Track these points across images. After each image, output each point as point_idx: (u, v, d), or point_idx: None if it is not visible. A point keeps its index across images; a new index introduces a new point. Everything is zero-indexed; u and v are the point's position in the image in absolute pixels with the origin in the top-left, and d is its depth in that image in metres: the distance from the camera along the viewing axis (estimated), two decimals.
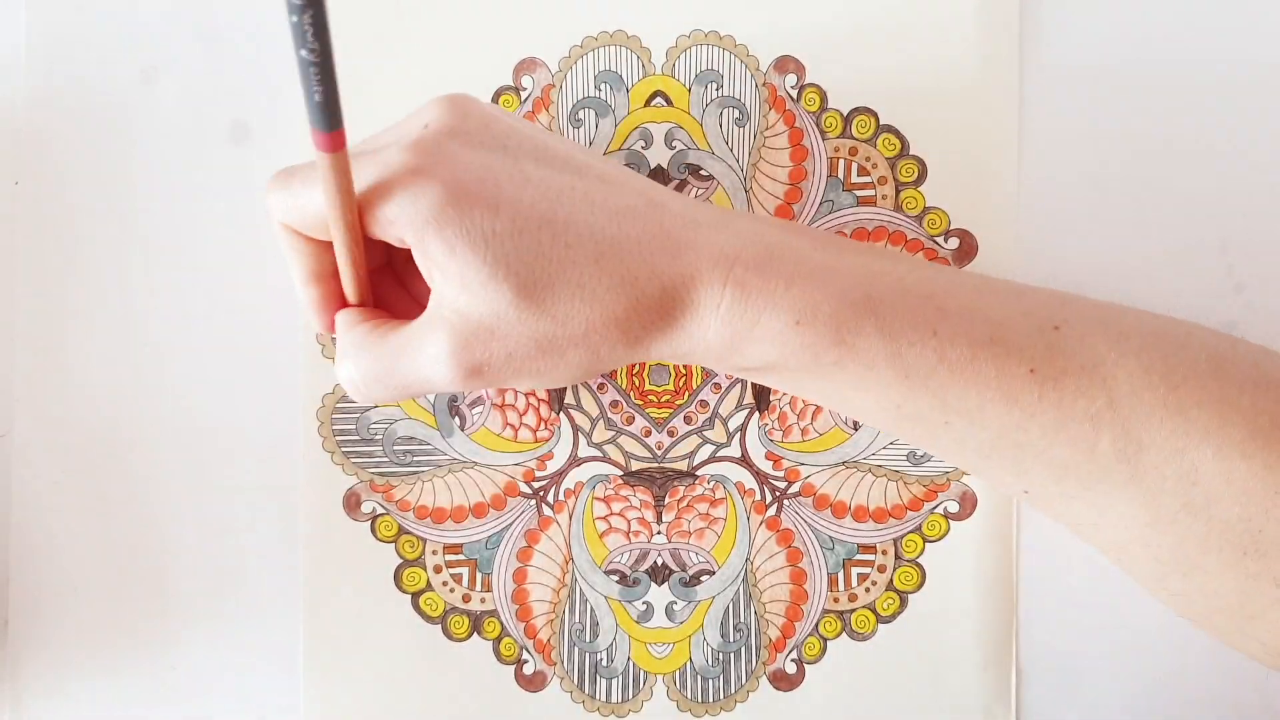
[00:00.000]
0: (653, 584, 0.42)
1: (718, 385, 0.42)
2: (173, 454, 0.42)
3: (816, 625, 0.42)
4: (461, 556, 0.42)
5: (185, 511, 0.42)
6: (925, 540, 0.42)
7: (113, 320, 0.42)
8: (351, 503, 0.42)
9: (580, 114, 0.42)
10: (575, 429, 0.42)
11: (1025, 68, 0.42)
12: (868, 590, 0.42)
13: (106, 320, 0.42)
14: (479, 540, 0.42)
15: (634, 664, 0.42)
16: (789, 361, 0.33)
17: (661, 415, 0.42)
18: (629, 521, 0.42)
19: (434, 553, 0.42)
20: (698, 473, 0.42)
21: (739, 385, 0.42)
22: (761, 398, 0.42)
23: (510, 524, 0.42)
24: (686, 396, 0.42)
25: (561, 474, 0.42)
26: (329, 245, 0.33)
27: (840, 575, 0.42)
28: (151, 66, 0.42)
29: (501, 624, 0.42)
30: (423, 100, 0.42)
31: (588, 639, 0.42)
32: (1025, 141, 0.42)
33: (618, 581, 0.42)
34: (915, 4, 0.42)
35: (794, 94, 0.42)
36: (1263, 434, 0.32)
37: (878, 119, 0.42)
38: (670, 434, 0.42)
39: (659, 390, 0.42)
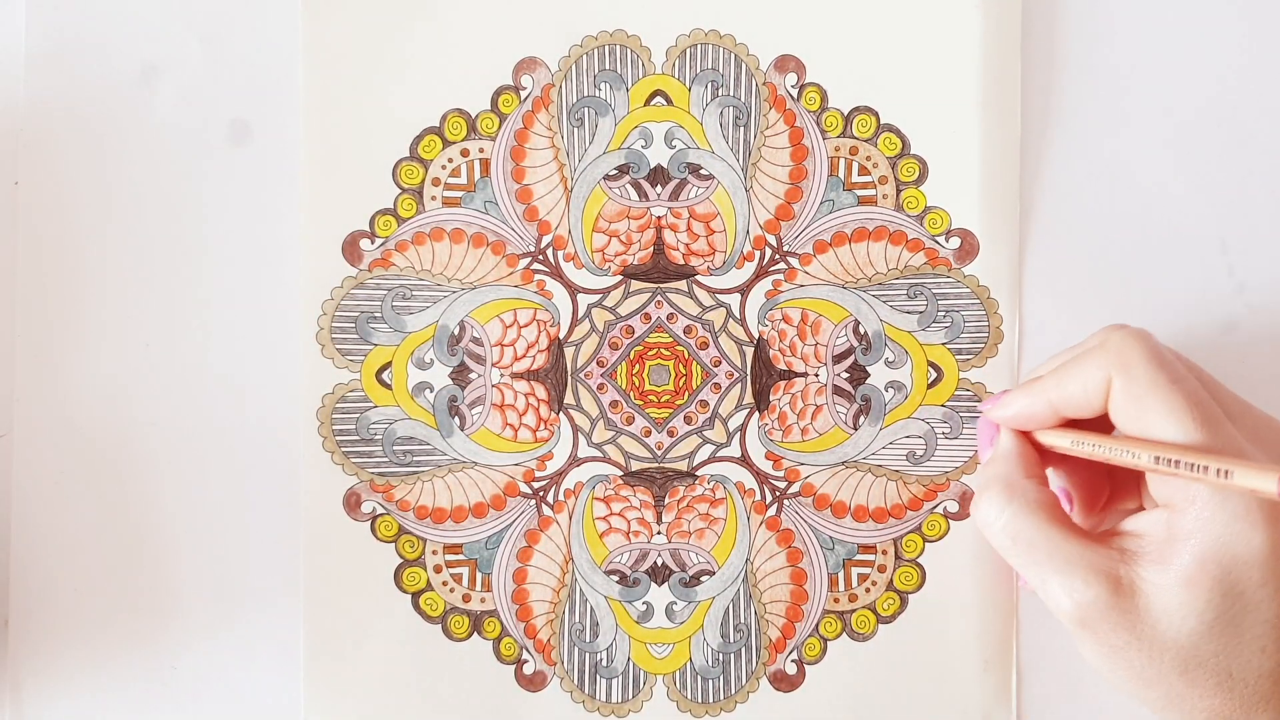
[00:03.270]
0: (653, 584, 0.42)
1: (717, 385, 0.42)
2: (173, 454, 0.42)
3: (817, 625, 0.42)
4: (461, 556, 0.42)
5: (185, 511, 0.42)
6: (925, 540, 0.42)
7: (112, 320, 0.42)
8: (351, 503, 0.42)
9: (580, 113, 0.42)
10: (575, 429, 0.42)
11: (1027, 66, 0.42)
12: (868, 590, 0.42)
13: (106, 320, 0.42)
14: (479, 540, 0.42)
15: (634, 664, 0.42)
16: None
17: (661, 415, 0.42)
18: (629, 521, 0.42)
19: (434, 553, 0.42)
20: (698, 473, 0.42)
21: (739, 384, 0.42)
22: (761, 397, 0.42)
23: (510, 524, 0.42)
24: (686, 396, 0.42)
25: (561, 474, 0.42)
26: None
27: (840, 575, 0.42)
28: (151, 66, 0.42)
29: (501, 624, 0.42)
30: (419, 99, 0.42)
31: (588, 639, 0.42)
32: (1027, 140, 0.42)
33: (618, 581, 0.42)
34: (916, 2, 0.42)
35: (794, 93, 0.42)
36: None
37: (878, 118, 0.42)
38: (670, 434, 0.42)
39: (659, 390, 0.42)
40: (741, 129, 0.42)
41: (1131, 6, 0.42)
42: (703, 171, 0.42)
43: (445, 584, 0.42)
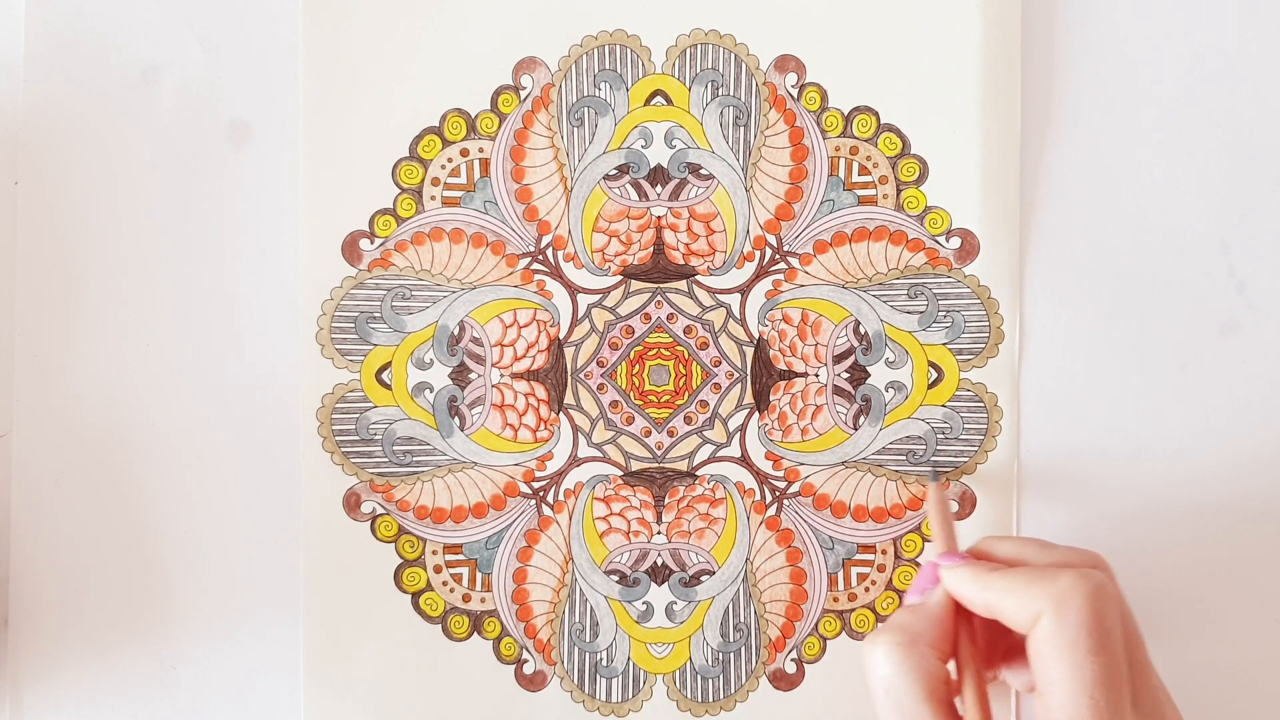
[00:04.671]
0: (653, 584, 0.42)
1: (717, 385, 0.42)
2: (172, 454, 0.42)
3: (816, 625, 0.42)
4: (461, 556, 0.42)
5: (185, 511, 0.42)
6: (925, 540, 0.42)
7: (112, 320, 0.42)
8: (351, 503, 0.42)
9: (580, 113, 0.42)
10: (575, 429, 0.42)
11: (1027, 66, 0.42)
12: (867, 590, 0.42)
13: (106, 320, 0.42)
14: (479, 540, 0.42)
15: (634, 664, 0.42)
16: None
17: (661, 415, 0.42)
18: (629, 521, 0.42)
19: (434, 553, 0.42)
20: (698, 473, 0.42)
21: (738, 385, 0.42)
22: (761, 397, 0.42)
23: (510, 524, 0.42)
24: (686, 396, 0.42)
25: (561, 474, 0.42)
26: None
27: (840, 575, 0.42)
28: (151, 66, 0.42)
29: (501, 624, 0.42)
30: (419, 99, 0.42)
31: (588, 639, 0.42)
32: (1027, 140, 0.42)
33: (618, 581, 0.42)
34: (916, 3, 0.42)
35: (794, 93, 0.42)
36: None
37: (879, 118, 0.42)
38: (670, 434, 0.42)
39: (659, 390, 0.42)
40: (741, 129, 0.42)
41: (1131, 7, 0.42)
42: (703, 171, 0.42)
43: (445, 584, 0.42)
